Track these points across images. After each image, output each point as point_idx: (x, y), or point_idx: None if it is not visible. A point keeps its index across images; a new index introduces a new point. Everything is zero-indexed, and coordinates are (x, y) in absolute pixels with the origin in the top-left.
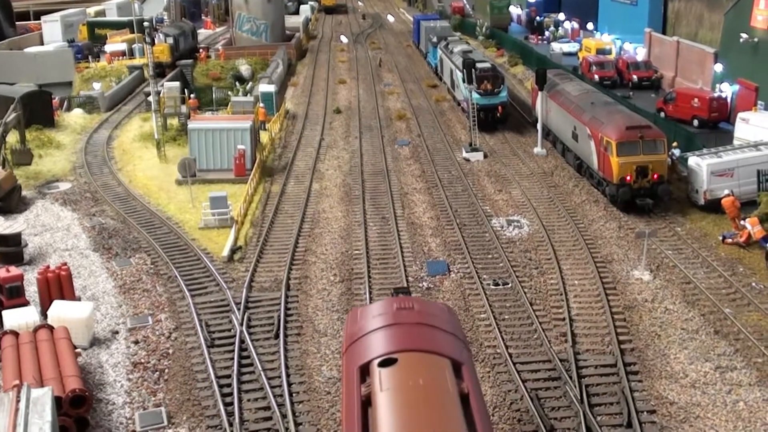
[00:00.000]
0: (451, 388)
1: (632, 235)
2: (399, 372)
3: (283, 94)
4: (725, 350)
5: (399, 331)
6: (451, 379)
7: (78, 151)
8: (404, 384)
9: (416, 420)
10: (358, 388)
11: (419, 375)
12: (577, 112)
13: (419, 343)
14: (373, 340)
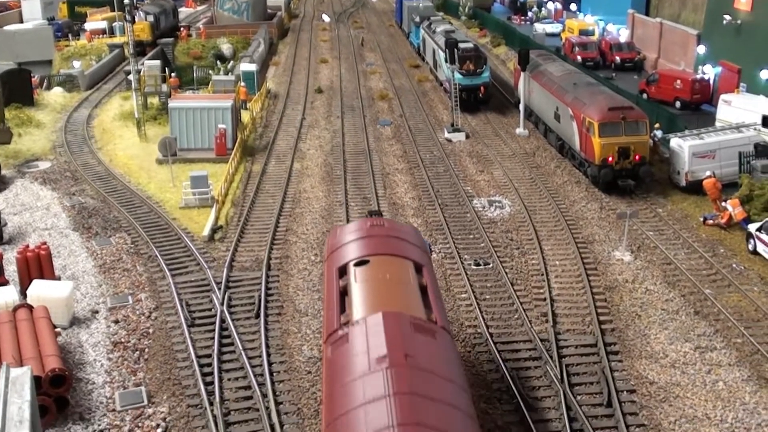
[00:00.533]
0: (412, 281)
1: (613, 216)
2: (370, 269)
3: (264, 73)
4: (705, 331)
5: (371, 241)
6: (413, 275)
7: (58, 130)
8: (374, 277)
9: (381, 299)
10: (337, 283)
11: (387, 271)
12: (559, 93)
13: (387, 249)
14: (350, 247)
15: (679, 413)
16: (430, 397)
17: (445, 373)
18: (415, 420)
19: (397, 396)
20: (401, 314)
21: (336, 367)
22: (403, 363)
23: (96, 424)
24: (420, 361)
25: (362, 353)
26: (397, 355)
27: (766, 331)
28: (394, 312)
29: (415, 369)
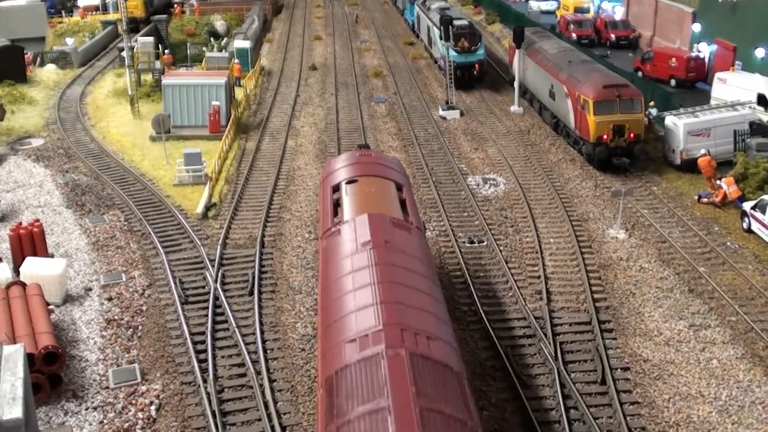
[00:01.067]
0: (393, 194)
1: (608, 194)
2: (358, 186)
3: (258, 50)
4: (699, 309)
5: (360, 166)
6: (394, 191)
7: (51, 107)
8: (361, 191)
9: (367, 205)
10: (331, 197)
11: (372, 187)
12: (554, 71)
13: (373, 172)
14: (342, 171)
15: (673, 391)
16: (404, 268)
17: (416, 254)
18: (390, 279)
19: (378, 266)
20: (383, 215)
21: (329, 251)
22: (382, 245)
23: (89, 402)
24: (396, 245)
25: (351, 240)
26: (378, 240)
27: (760, 309)
28: (377, 213)
29: (392, 249)
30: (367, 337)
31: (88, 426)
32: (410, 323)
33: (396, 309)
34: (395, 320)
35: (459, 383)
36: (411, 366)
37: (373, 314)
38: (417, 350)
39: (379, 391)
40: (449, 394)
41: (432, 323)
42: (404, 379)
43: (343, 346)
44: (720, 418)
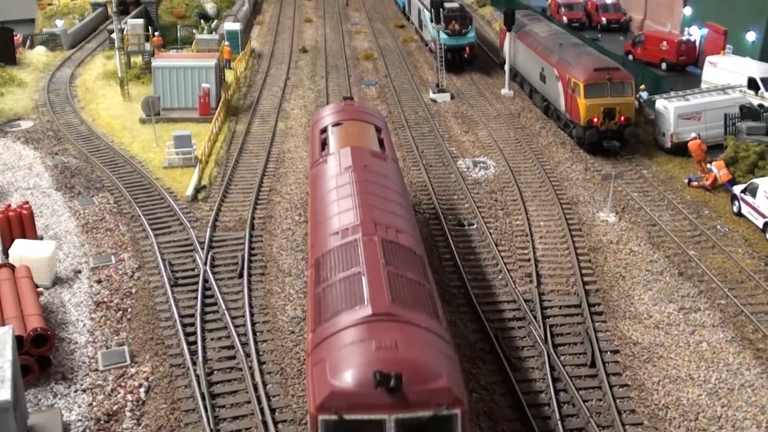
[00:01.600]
0: (372, 134)
1: (598, 177)
2: (343, 127)
3: (248, 32)
4: (689, 292)
5: (344, 113)
6: (373, 132)
7: (40, 89)
8: (346, 131)
9: (350, 141)
10: (319, 136)
11: (354, 128)
12: (545, 54)
13: (355, 117)
14: (329, 117)
15: (663, 374)
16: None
17: (389, 176)
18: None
19: (357, 182)
20: (363, 148)
21: (318, 176)
22: (362, 168)
23: (78, 384)
24: (373, 169)
25: (335, 165)
26: (358, 165)
27: (749, 292)
28: (358, 147)
29: (370, 172)
30: (347, 230)
31: (77, 408)
32: (382, 220)
33: (371, 210)
34: (370, 218)
35: (420, 261)
36: (381, 248)
37: (353, 214)
38: (387, 237)
39: (355, 263)
40: (411, 266)
41: (400, 222)
42: (375, 255)
43: (328, 237)
44: (709, 400)
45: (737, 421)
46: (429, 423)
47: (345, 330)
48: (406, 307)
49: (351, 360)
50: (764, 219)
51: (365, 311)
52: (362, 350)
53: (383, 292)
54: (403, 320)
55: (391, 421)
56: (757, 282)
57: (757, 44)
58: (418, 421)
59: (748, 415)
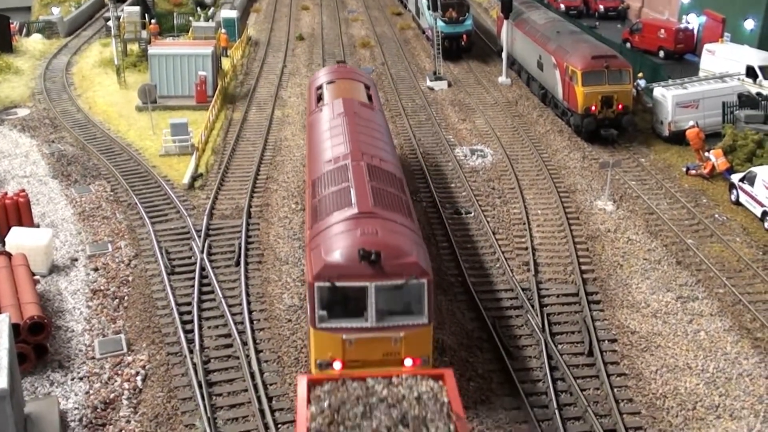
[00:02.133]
0: (362, 91)
1: (596, 166)
2: (336, 85)
3: (245, 20)
4: (687, 281)
5: (337, 74)
6: (362, 88)
7: (37, 76)
8: (338, 87)
9: (342, 94)
10: (315, 92)
11: (346, 85)
12: (542, 41)
13: (347, 76)
14: (324, 77)
15: (661, 363)
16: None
17: (376, 122)
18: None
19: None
20: (353, 99)
21: (313, 121)
22: (352, 114)
23: (75, 372)
24: (362, 115)
25: (329, 112)
26: (349, 111)
27: (747, 281)
28: (349, 98)
29: (359, 117)
30: (339, 158)
31: (74, 396)
32: (368, 151)
33: (359, 144)
34: (358, 149)
35: (399, 182)
36: (367, 169)
37: (343, 147)
38: (371, 163)
39: (345, 180)
40: (391, 184)
41: (383, 154)
42: (362, 174)
43: (323, 164)
44: (707, 390)
45: (735, 411)
46: (403, 290)
47: (336, 224)
48: (385, 209)
49: (341, 243)
50: (762, 208)
51: (352, 210)
52: (350, 236)
53: (367, 197)
54: (382, 217)
55: (372, 288)
56: (755, 271)
57: (756, 32)
58: (393, 287)
59: (745, 404)
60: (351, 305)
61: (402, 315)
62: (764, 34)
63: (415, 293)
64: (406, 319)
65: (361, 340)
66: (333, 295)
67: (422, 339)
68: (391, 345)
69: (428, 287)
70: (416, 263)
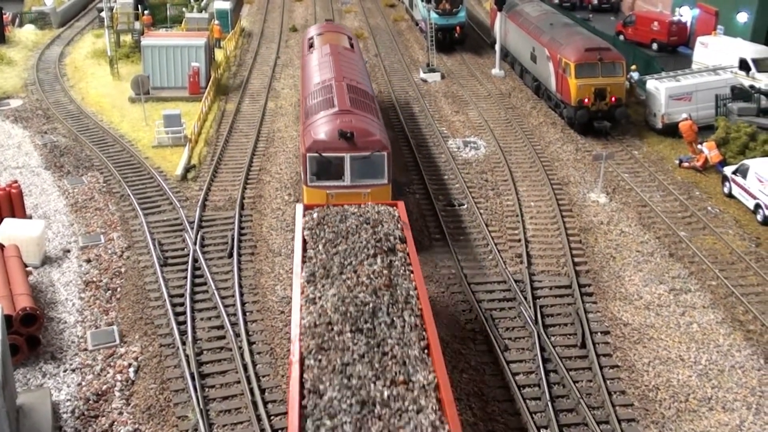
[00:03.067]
0: (345, 41)
1: (589, 158)
2: (324, 36)
3: (238, 11)
4: (680, 273)
5: (325, 29)
6: (345, 39)
7: (29, 67)
8: (326, 38)
9: (329, 42)
10: (307, 41)
11: (332, 36)
12: (536, 34)
13: (334, 30)
14: (313, 30)
15: (653, 355)
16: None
17: (355, 61)
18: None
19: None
20: (338, 44)
21: (306, 61)
22: (337, 53)
23: (68, 364)
24: (345, 56)
25: (318, 53)
26: (335, 52)
27: (740, 273)
28: (335, 44)
29: (342, 56)
30: (325, 80)
31: (67, 388)
32: (348, 76)
33: (341, 71)
34: (340, 74)
35: (371, 96)
36: (346, 87)
37: (329, 73)
38: (350, 84)
39: (330, 93)
40: (365, 97)
41: (360, 79)
42: (342, 89)
43: (314, 84)
44: (700, 382)
45: (727, 403)
46: (369, 159)
47: (322, 117)
48: (358, 108)
49: (326, 127)
50: (755, 200)
51: (335, 109)
52: (332, 123)
53: (345, 101)
54: (355, 114)
55: (348, 157)
56: (748, 263)
57: (749, 25)
58: (363, 157)
59: (738, 396)
60: (332, 170)
61: (369, 177)
62: (757, 27)
63: (378, 162)
64: (371, 180)
65: (339, 194)
66: (319, 163)
67: (383, 194)
68: (361, 198)
69: (387, 158)
70: (379, 140)
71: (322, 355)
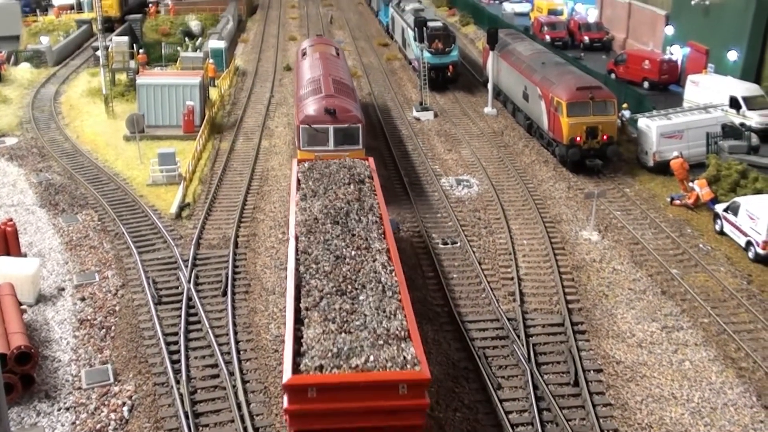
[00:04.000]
0: (333, 51)
1: (581, 196)
2: (315, 47)
3: (233, 50)
4: (672, 310)
5: (317, 41)
6: (333, 49)
7: (25, 105)
8: (316, 48)
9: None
10: (301, 51)
11: (322, 47)
12: (528, 72)
13: (323, 42)
14: (306, 42)
15: (646, 393)
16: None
17: (341, 65)
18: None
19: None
20: (326, 52)
21: (300, 64)
22: (325, 59)
23: (62, 402)
24: (332, 61)
25: (310, 58)
26: (323, 57)
27: (732, 311)
28: (323, 52)
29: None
30: (315, 75)
31: (61, 427)
32: (333, 74)
33: (328, 69)
34: (327, 72)
35: (352, 88)
36: (332, 81)
37: (318, 71)
38: (335, 78)
39: (318, 83)
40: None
41: (342, 76)
42: (328, 82)
43: (306, 79)
44: (692, 419)
45: None
46: (348, 130)
47: (312, 99)
48: (340, 94)
49: (315, 106)
50: (746, 238)
51: (322, 94)
52: (320, 104)
53: (330, 89)
54: (338, 97)
55: (331, 128)
56: (740, 301)
57: (739, 63)
58: (342, 128)
59: None
60: (320, 138)
61: (347, 144)
62: (747, 65)
63: (355, 132)
64: (349, 146)
65: (325, 156)
66: (310, 132)
67: (359, 156)
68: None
69: (362, 129)
70: (356, 116)
71: (311, 235)
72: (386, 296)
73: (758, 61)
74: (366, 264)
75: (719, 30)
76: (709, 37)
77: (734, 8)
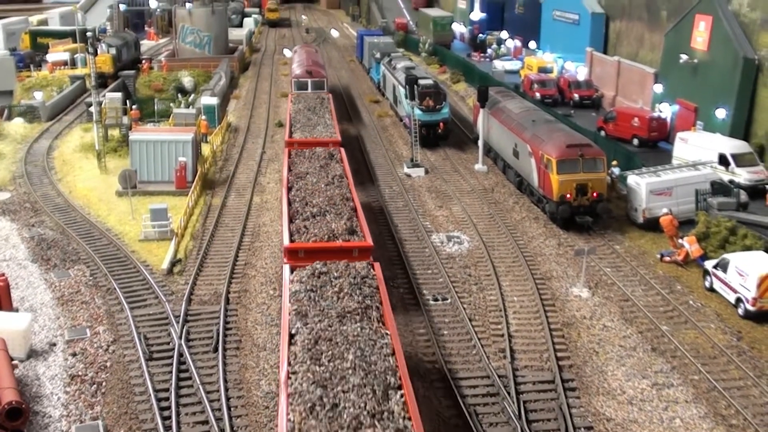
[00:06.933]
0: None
1: (571, 253)
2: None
3: (225, 106)
4: (662, 367)
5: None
6: (314, 49)
7: (18, 160)
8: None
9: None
10: (294, 51)
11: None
12: (518, 130)
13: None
14: (298, 49)
15: None
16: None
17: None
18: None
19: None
20: (310, 50)
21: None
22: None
23: None
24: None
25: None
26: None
27: (722, 368)
28: (308, 49)
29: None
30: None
31: None
32: (313, 59)
33: (309, 57)
34: (309, 59)
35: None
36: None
37: (305, 64)
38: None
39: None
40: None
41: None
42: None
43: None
44: None
45: None
46: (319, 81)
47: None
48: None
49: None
50: (736, 294)
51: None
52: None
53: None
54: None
55: (309, 81)
56: (730, 357)
57: (727, 121)
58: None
59: None
60: (302, 86)
61: (318, 89)
62: (735, 123)
63: (322, 83)
64: (320, 91)
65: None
66: (298, 82)
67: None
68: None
69: (326, 81)
70: (323, 75)
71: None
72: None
73: (746, 118)
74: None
75: (708, 88)
76: (697, 94)
77: (722, 66)
